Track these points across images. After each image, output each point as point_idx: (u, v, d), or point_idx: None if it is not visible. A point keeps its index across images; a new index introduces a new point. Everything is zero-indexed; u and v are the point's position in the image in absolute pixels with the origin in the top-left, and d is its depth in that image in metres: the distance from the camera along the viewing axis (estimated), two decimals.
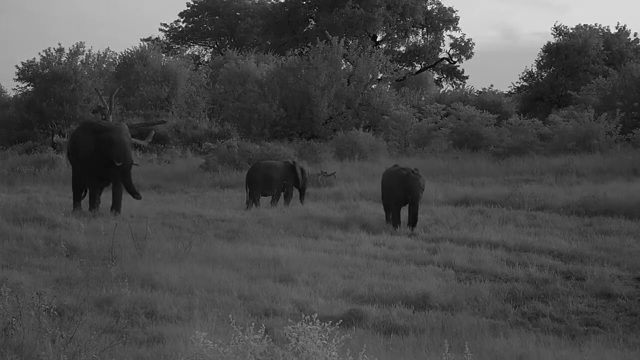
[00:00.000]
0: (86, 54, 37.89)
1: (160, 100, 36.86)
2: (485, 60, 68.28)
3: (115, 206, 15.97)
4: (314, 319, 5.49)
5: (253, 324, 5.69)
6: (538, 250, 12.37)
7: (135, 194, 16.34)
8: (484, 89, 43.44)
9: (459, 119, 30.22)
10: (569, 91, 35.29)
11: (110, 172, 16.23)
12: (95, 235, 12.52)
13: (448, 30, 48.76)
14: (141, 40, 48.67)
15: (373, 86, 35.84)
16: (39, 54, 38.25)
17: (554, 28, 40.99)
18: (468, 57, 48.82)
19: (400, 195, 14.84)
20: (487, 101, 37.74)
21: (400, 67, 46.65)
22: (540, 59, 40.83)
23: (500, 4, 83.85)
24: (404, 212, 15.17)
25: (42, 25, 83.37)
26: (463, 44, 48.40)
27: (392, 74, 38.75)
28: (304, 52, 35.75)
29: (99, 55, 38.99)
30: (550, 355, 7.60)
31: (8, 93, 41.68)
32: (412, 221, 14.67)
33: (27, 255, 11.58)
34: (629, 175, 20.73)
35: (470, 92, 44.47)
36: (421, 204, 15.15)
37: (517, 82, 41.82)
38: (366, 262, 11.54)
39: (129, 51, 39.66)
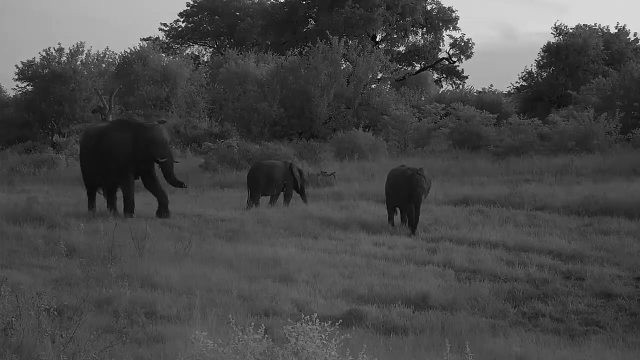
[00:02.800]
0: (86, 53, 37.97)
1: (160, 100, 36.85)
2: (485, 60, 68.18)
3: (128, 208, 15.99)
4: (314, 319, 5.48)
5: (253, 323, 5.68)
6: (538, 250, 12.37)
7: (181, 184, 16.74)
8: (484, 88, 43.46)
9: (459, 119, 30.23)
10: (568, 91, 35.29)
11: (143, 171, 16.30)
12: (95, 235, 12.51)
13: (448, 30, 48.76)
14: (141, 40, 48.62)
15: (373, 86, 35.86)
16: (39, 53, 38.25)
17: (554, 28, 41.01)
18: (468, 57, 48.81)
19: (405, 195, 14.83)
20: (486, 101, 37.73)
21: (400, 67, 46.67)
22: (540, 58, 40.84)
23: (500, 4, 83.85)
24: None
25: (42, 25, 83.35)
26: (463, 44, 48.38)
27: (391, 73, 38.73)
28: (303, 52, 35.75)
29: (98, 55, 39.06)
30: (550, 355, 7.60)
31: (8, 93, 41.69)
32: (412, 223, 14.69)
33: (27, 255, 11.58)
34: (629, 175, 20.73)
35: (470, 92, 44.46)
36: (423, 204, 15.13)
37: (516, 82, 41.83)
38: (366, 262, 11.54)
39: (129, 51, 39.71)
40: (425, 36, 49.37)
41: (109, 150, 16.14)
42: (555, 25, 41.74)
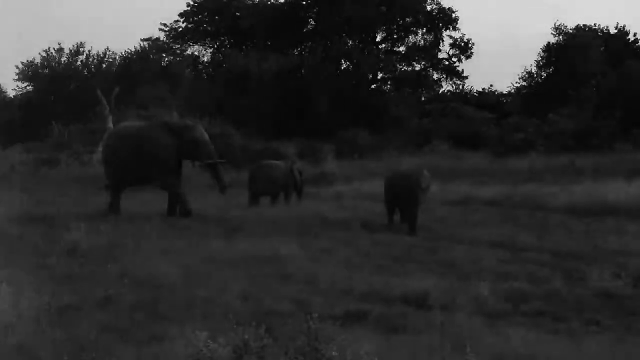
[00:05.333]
0: (86, 54, 38.05)
1: (160, 100, 36.90)
2: (485, 60, 68.12)
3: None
4: (314, 318, 5.49)
5: (253, 323, 5.69)
6: (538, 250, 12.39)
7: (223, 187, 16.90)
8: (484, 88, 43.50)
9: (459, 119, 30.29)
10: (568, 91, 35.32)
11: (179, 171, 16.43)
12: (96, 234, 12.51)
13: (448, 30, 48.77)
14: (141, 40, 48.62)
15: (373, 86, 35.91)
16: (39, 54, 38.35)
17: (554, 28, 41.05)
18: (468, 57, 48.81)
19: (404, 195, 14.88)
20: (486, 101, 37.78)
21: (400, 67, 46.69)
22: (540, 58, 40.88)
23: (500, 4, 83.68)
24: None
25: (42, 25, 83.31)
26: (463, 44, 48.39)
27: (391, 73, 38.78)
28: (304, 52, 35.80)
29: (98, 55, 39.13)
30: (549, 355, 7.60)
31: (8, 93, 41.79)
32: (410, 222, 14.74)
33: (27, 255, 11.57)
34: (629, 175, 20.75)
35: (470, 92, 44.48)
36: (423, 203, 15.14)
37: (516, 82, 41.90)
38: (366, 261, 11.55)
39: (130, 51, 39.77)
40: (425, 36, 49.39)
41: (152, 150, 15.99)
42: (555, 25, 41.83)
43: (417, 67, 49.81)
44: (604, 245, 12.70)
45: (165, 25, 55.52)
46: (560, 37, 40.40)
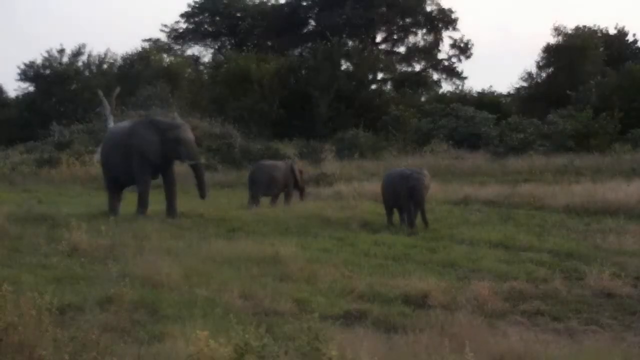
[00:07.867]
0: (87, 54, 38.13)
1: (160, 100, 36.93)
2: (484, 61, 68.13)
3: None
4: (314, 318, 5.51)
5: (254, 322, 5.71)
6: (537, 250, 12.41)
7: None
8: (483, 89, 43.53)
9: (459, 119, 30.30)
10: (567, 91, 35.34)
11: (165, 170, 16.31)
12: (97, 234, 12.53)
13: (447, 31, 48.83)
14: (142, 40, 48.69)
15: (373, 86, 35.95)
16: (41, 54, 38.43)
17: (553, 28, 41.06)
18: (467, 58, 48.88)
19: (404, 195, 14.87)
20: (486, 101, 37.80)
21: (400, 67, 46.73)
22: (539, 59, 40.90)
23: (500, 4, 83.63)
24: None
25: (43, 25, 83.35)
26: (462, 45, 48.44)
27: (391, 74, 38.81)
28: (304, 53, 35.85)
29: (99, 56, 39.18)
30: (549, 354, 7.62)
31: (9, 93, 41.86)
32: (423, 219, 14.73)
33: (28, 255, 11.60)
34: (628, 174, 20.78)
35: (469, 92, 44.51)
36: (425, 203, 15.18)
37: (516, 83, 41.97)
38: (366, 261, 11.58)
39: (130, 52, 39.81)
40: (425, 37, 49.44)
41: (137, 148, 15.94)
42: (554, 25, 41.84)
43: (417, 68, 49.89)
44: (604, 245, 12.72)
45: (166, 26, 55.65)
46: (560, 37, 40.42)
